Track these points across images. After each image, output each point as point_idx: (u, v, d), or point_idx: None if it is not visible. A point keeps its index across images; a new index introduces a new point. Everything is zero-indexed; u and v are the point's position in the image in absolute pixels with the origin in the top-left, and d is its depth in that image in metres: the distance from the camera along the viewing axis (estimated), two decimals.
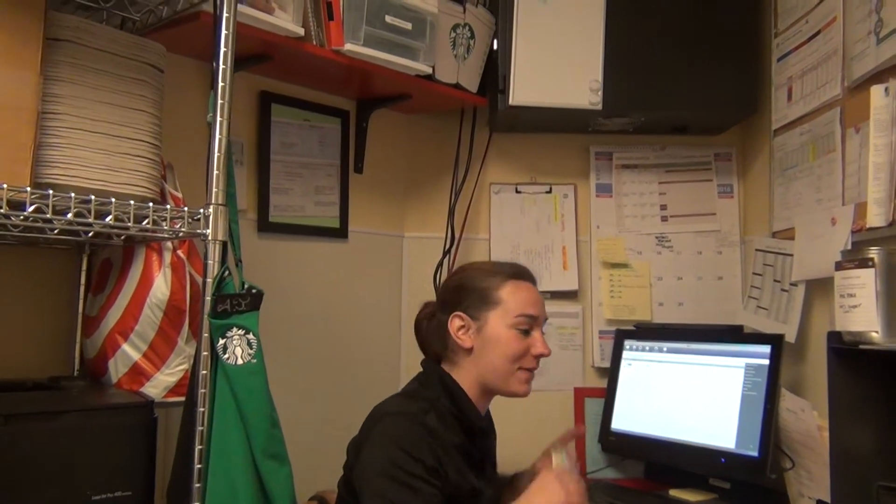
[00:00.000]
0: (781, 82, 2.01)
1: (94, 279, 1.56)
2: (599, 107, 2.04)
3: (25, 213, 1.12)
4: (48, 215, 1.13)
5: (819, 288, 1.81)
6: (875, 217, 1.53)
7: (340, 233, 2.13)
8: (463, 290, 1.52)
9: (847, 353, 1.44)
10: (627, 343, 2.19)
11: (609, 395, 2.17)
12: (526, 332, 1.49)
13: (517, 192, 2.32)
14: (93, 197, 1.17)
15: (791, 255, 1.90)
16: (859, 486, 1.42)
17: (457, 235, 2.26)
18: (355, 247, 2.16)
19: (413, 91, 2.05)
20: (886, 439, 1.44)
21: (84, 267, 1.57)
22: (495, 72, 2.09)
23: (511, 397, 1.52)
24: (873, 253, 1.39)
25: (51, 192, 1.13)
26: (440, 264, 2.24)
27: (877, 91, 1.54)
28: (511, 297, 1.50)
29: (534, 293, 1.54)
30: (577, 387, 2.25)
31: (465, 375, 1.50)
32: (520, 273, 1.56)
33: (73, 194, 1.15)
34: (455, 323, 1.50)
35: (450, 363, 1.53)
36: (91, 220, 1.17)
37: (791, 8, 1.97)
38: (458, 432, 1.45)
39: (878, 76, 1.57)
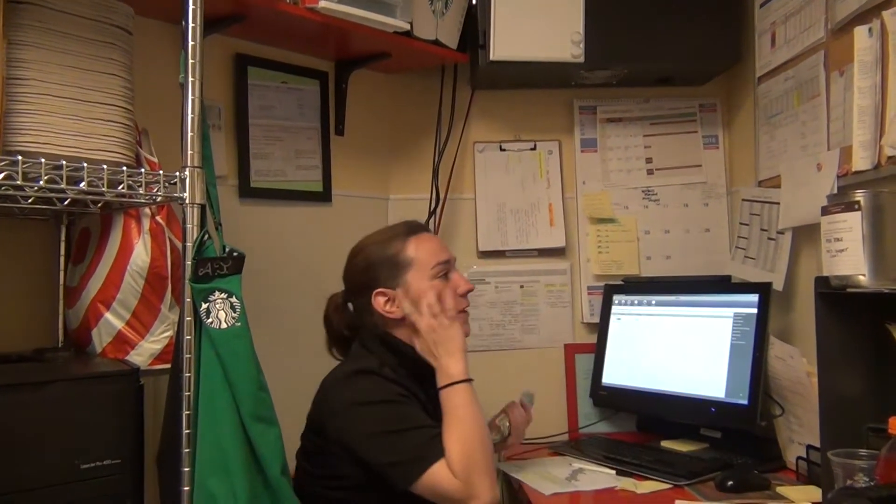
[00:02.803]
0: (764, 28, 1.99)
1: (74, 249, 1.54)
2: (581, 59, 2.01)
3: None
4: (19, 182, 1.10)
5: (806, 235, 1.81)
6: (861, 160, 1.52)
7: (324, 196, 2.10)
8: (372, 268, 1.54)
9: (835, 297, 1.44)
10: (616, 298, 2.19)
11: (599, 350, 2.17)
12: (445, 277, 1.54)
13: (501, 149, 2.30)
14: (64, 162, 1.15)
15: (777, 203, 1.89)
16: (848, 429, 1.43)
17: (442, 196, 2.24)
18: (339, 210, 2.14)
19: (391, 49, 2.02)
20: (875, 382, 1.45)
21: (63, 237, 1.54)
22: (475, 27, 2.06)
23: None
24: (859, 196, 1.38)
25: (20, 158, 1.11)
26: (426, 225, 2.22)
27: (860, 32, 1.52)
28: (418, 252, 1.53)
29: (436, 241, 1.60)
30: (567, 343, 2.25)
31: (406, 339, 1.53)
32: (415, 228, 1.59)
33: (43, 160, 1.13)
34: (379, 300, 1.51)
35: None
36: (64, 185, 1.15)
37: None
38: (412, 383, 1.47)
39: (862, 17, 1.55)
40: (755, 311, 1.84)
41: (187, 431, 1.24)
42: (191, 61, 1.25)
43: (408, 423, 1.36)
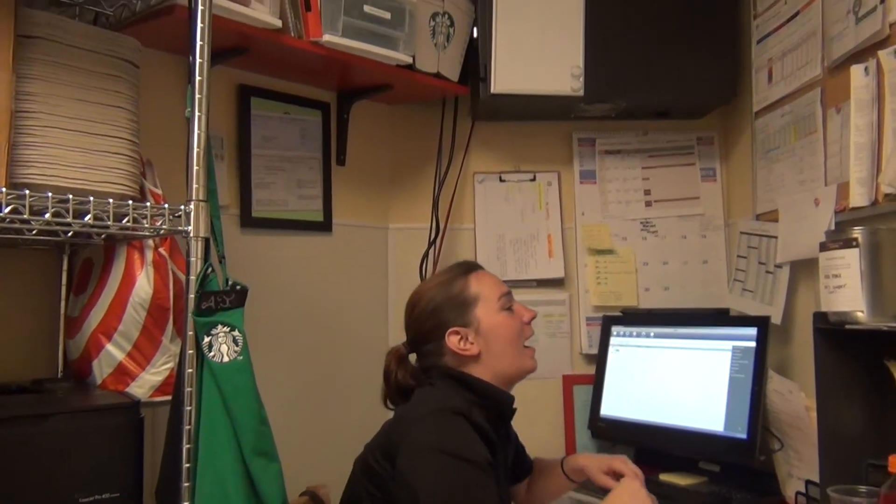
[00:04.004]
0: (762, 64, 2.01)
1: (76, 279, 1.54)
2: (581, 93, 2.03)
3: (2, 215, 1.10)
4: (25, 216, 1.11)
5: (803, 269, 1.82)
6: (858, 197, 1.53)
7: (324, 226, 2.11)
8: (439, 310, 1.52)
9: (833, 333, 1.45)
10: (615, 329, 2.19)
11: (597, 381, 2.17)
12: (510, 309, 1.54)
13: (501, 180, 2.31)
14: (70, 196, 1.15)
15: (775, 237, 1.90)
16: (848, 464, 1.43)
17: (442, 226, 2.26)
18: (340, 240, 2.15)
19: (394, 81, 2.04)
20: (873, 418, 1.45)
21: (65, 267, 1.55)
22: (476, 60, 2.08)
23: (524, 377, 1.56)
24: (857, 233, 1.40)
25: (27, 192, 1.11)
26: (426, 255, 2.23)
27: (857, 71, 1.54)
28: (481, 287, 1.53)
29: (493, 275, 1.60)
30: (565, 374, 2.25)
31: (481, 375, 1.50)
32: (470, 266, 1.59)
33: (50, 194, 1.13)
34: (453, 339, 1.49)
35: None
36: (70, 219, 1.15)
37: None
38: (490, 424, 1.43)
39: (858, 56, 1.57)
40: (754, 344, 1.85)
41: (187, 465, 1.23)
42: (197, 96, 1.26)
43: (481, 495, 1.30)
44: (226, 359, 1.26)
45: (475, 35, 2.13)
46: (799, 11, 1.83)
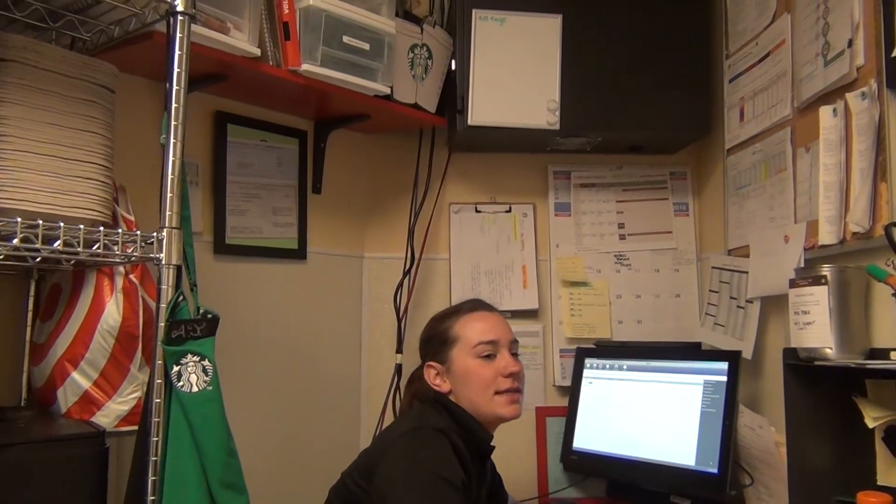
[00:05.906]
0: (734, 103, 2.05)
1: (43, 305, 1.51)
2: (557, 127, 2.05)
3: None
4: None
5: (774, 304, 1.84)
6: (826, 235, 1.56)
7: (299, 254, 2.10)
8: (428, 341, 1.61)
9: (802, 369, 1.46)
10: (588, 361, 2.19)
11: (570, 413, 2.17)
12: (490, 357, 1.55)
13: (477, 211, 2.32)
14: (40, 221, 1.14)
15: (746, 272, 1.93)
16: (817, 500, 1.44)
17: (417, 256, 2.25)
18: (314, 268, 2.14)
19: (371, 111, 2.05)
20: (842, 454, 1.46)
21: (32, 293, 1.52)
22: (454, 92, 2.10)
23: (503, 422, 1.57)
24: (826, 270, 1.42)
25: None
26: (400, 285, 2.23)
27: (825, 112, 1.58)
28: (465, 330, 1.57)
29: (490, 320, 1.60)
30: (538, 406, 2.25)
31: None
32: (474, 306, 1.63)
33: (19, 219, 1.12)
34: (430, 373, 1.57)
35: None
36: (39, 245, 1.13)
37: (741, 31, 2.01)
38: (467, 454, 1.46)
39: (826, 97, 1.61)
40: (725, 378, 1.86)
41: (152, 498, 1.20)
42: (173, 123, 1.25)
43: None
44: (195, 389, 1.24)
45: (453, 67, 2.15)
46: (769, 53, 1.87)
